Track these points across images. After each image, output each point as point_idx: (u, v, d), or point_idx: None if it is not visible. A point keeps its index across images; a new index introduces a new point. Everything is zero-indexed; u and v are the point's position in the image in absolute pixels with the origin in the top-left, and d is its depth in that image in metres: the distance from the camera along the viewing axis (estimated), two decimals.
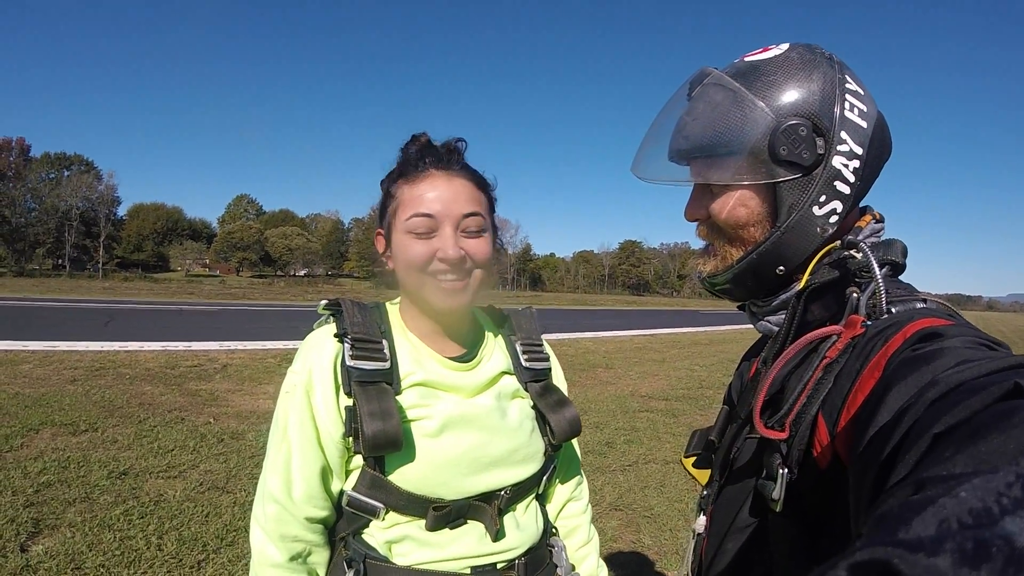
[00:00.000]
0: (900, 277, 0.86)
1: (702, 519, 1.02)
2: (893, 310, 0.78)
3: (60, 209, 65.55)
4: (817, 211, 0.84)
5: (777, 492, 0.77)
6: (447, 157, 1.10)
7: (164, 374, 7.38)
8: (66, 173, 70.52)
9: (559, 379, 1.27)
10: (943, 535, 0.25)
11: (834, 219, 0.85)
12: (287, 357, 9.14)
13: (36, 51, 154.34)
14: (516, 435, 1.11)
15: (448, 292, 1.05)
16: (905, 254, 0.84)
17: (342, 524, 1.07)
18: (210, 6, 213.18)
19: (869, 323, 0.76)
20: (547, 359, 1.25)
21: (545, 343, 1.28)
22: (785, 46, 0.88)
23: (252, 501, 1.09)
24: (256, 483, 1.09)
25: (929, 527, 0.27)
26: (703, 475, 1.09)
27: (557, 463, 1.25)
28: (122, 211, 79.58)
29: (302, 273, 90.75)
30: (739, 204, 0.88)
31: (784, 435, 0.78)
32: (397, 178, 1.09)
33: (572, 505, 1.32)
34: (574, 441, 1.27)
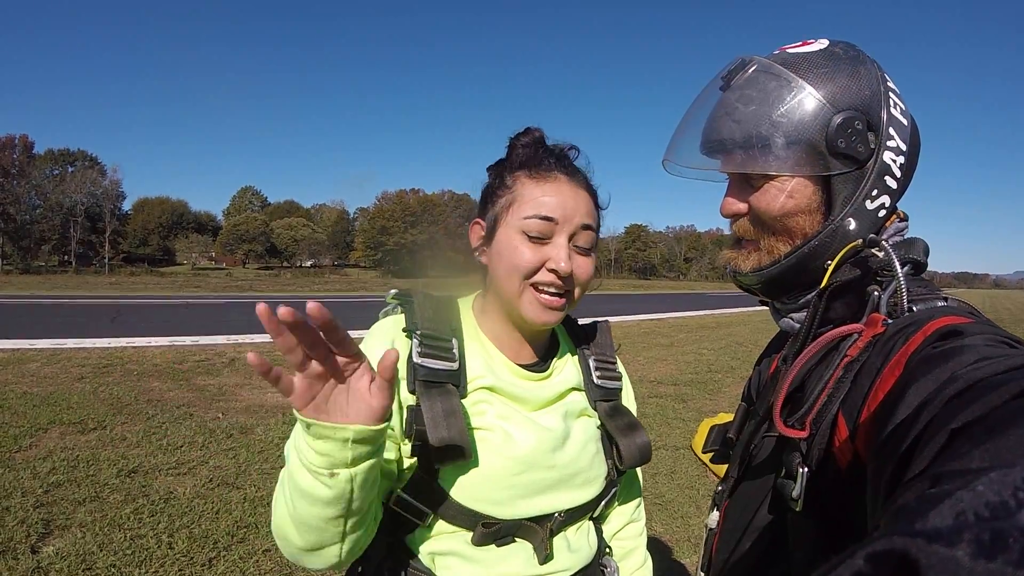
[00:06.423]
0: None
1: (715, 515, 1.02)
2: (914, 308, 0.77)
3: (65, 205, 65.81)
4: (869, 205, 0.85)
5: (797, 491, 0.76)
6: (568, 162, 1.03)
7: (172, 369, 7.42)
8: (70, 169, 70.73)
9: (629, 400, 1.19)
10: (960, 527, 0.25)
11: (883, 213, 0.86)
12: None
13: (37, 48, 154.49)
14: (579, 458, 1.03)
15: (544, 307, 0.99)
16: (927, 252, 0.84)
17: (386, 523, 0.98)
18: None
19: (890, 321, 0.76)
20: (620, 378, 1.17)
21: (619, 361, 1.20)
22: (825, 41, 0.88)
23: (262, 496, 1.03)
24: (266, 478, 1.03)
25: (946, 519, 0.27)
26: (720, 469, 1.07)
27: (620, 487, 1.17)
28: (127, 205, 79.87)
29: (308, 264, 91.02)
30: (788, 196, 0.87)
31: (804, 434, 0.77)
32: (518, 169, 1.01)
33: (630, 527, 1.25)
34: None
